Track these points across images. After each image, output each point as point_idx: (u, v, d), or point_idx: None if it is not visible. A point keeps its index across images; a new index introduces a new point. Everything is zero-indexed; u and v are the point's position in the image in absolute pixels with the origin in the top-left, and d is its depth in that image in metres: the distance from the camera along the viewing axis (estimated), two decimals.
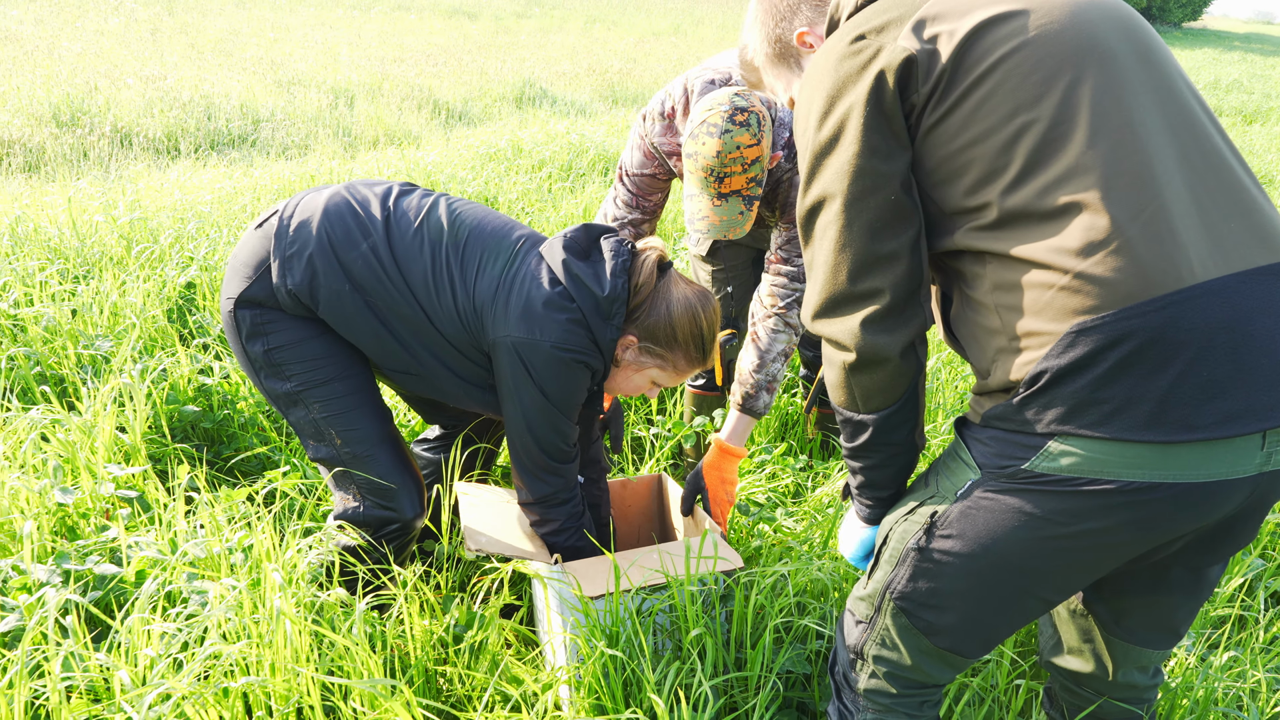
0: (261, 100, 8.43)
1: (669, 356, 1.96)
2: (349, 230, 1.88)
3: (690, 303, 1.93)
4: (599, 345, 1.87)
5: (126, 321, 3.22)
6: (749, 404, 2.35)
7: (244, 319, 1.92)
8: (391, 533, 2.07)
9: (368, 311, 1.89)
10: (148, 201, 4.49)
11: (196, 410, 2.86)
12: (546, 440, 1.92)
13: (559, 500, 2.01)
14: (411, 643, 1.87)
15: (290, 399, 1.97)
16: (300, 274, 1.87)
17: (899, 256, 1.23)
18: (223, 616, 1.74)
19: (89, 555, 2.01)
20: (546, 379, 1.85)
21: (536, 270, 1.87)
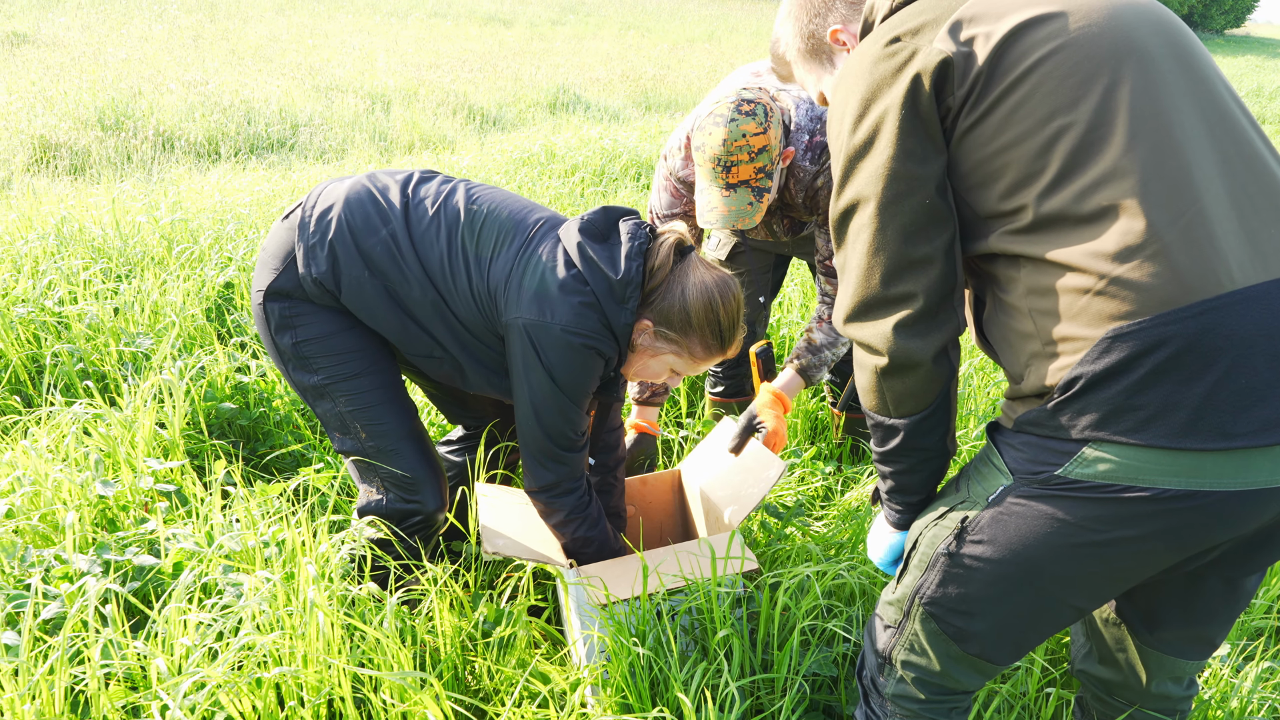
0: (300, 105, 8.55)
1: (684, 343, 1.92)
2: (368, 217, 1.90)
3: (707, 288, 1.88)
4: (613, 330, 1.84)
5: (166, 320, 3.29)
6: (807, 371, 2.42)
7: (273, 311, 1.95)
8: (414, 525, 2.09)
9: (388, 298, 1.90)
10: (188, 203, 4.57)
11: (233, 407, 2.91)
12: (553, 426, 1.89)
13: (564, 489, 1.98)
14: (441, 638, 1.89)
15: (317, 391, 1.99)
16: (323, 262, 1.89)
17: (933, 261, 1.22)
18: (257, 608, 1.77)
19: (128, 547, 2.05)
20: (556, 362, 1.82)
21: (552, 253, 1.86)
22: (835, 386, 2.98)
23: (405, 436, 2.04)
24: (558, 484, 1.96)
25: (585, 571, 1.93)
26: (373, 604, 1.92)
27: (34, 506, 2.16)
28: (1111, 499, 1.13)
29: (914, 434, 1.32)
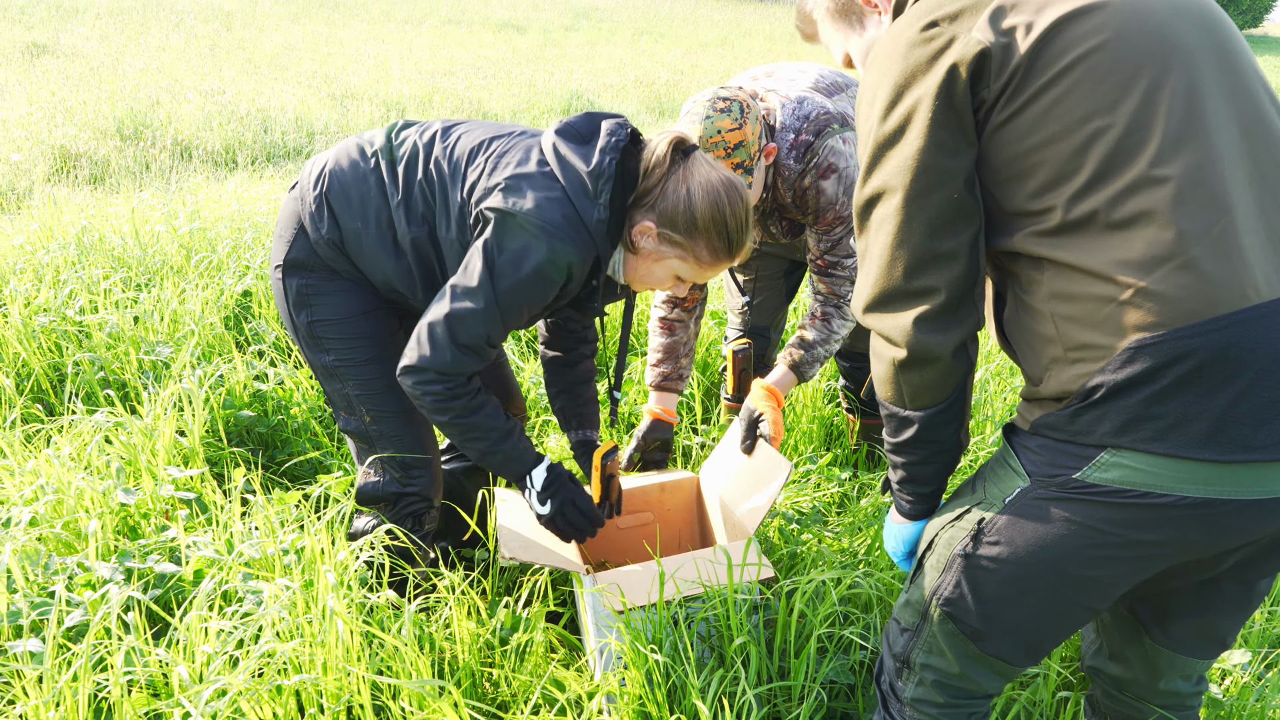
0: (316, 113, 8.61)
1: (689, 246, 1.81)
2: (355, 165, 1.93)
3: (714, 187, 1.77)
4: (587, 227, 1.74)
5: (186, 328, 3.32)
6: (800, 368, 2.41)
7: (290, 286, 1.98)
8: (408, 508, 2.13)
9: (389, 245, 1.90)
10: (207, 212, 4.61)
11: (251, 415, 2.94)
12: (460, 311, 1.76)
13: (432, 381, 1.80)
14: (460, 645, 1.90)
15: (327, 371, 2.03)
16: (325, 220, 1.92)
17: (957, 255, 1.20)
18: (277, 616, 1.78)
19: (150, 554, 2.07)
20: (507, 252, 1.72)
21: (526, 152, 1.80)
22: (850, 392, 2.98)
23: (407, 424, 2.08)
24: (427, 370, 1.80)
25: (603, 579, 1.94)
26: (391, 611, 1.93)
27: (57, 514, 2.19)
28: (1129, 504, 1.13)
29: (929, 427, 1.31)
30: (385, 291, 1.99)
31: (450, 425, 1.86)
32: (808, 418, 3.08)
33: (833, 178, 2.24)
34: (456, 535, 2.53)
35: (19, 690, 1.67)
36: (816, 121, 2.22)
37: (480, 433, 1.88)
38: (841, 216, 2.29)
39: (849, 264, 2.36)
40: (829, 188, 2.24)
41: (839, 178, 2.24)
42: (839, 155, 2.23)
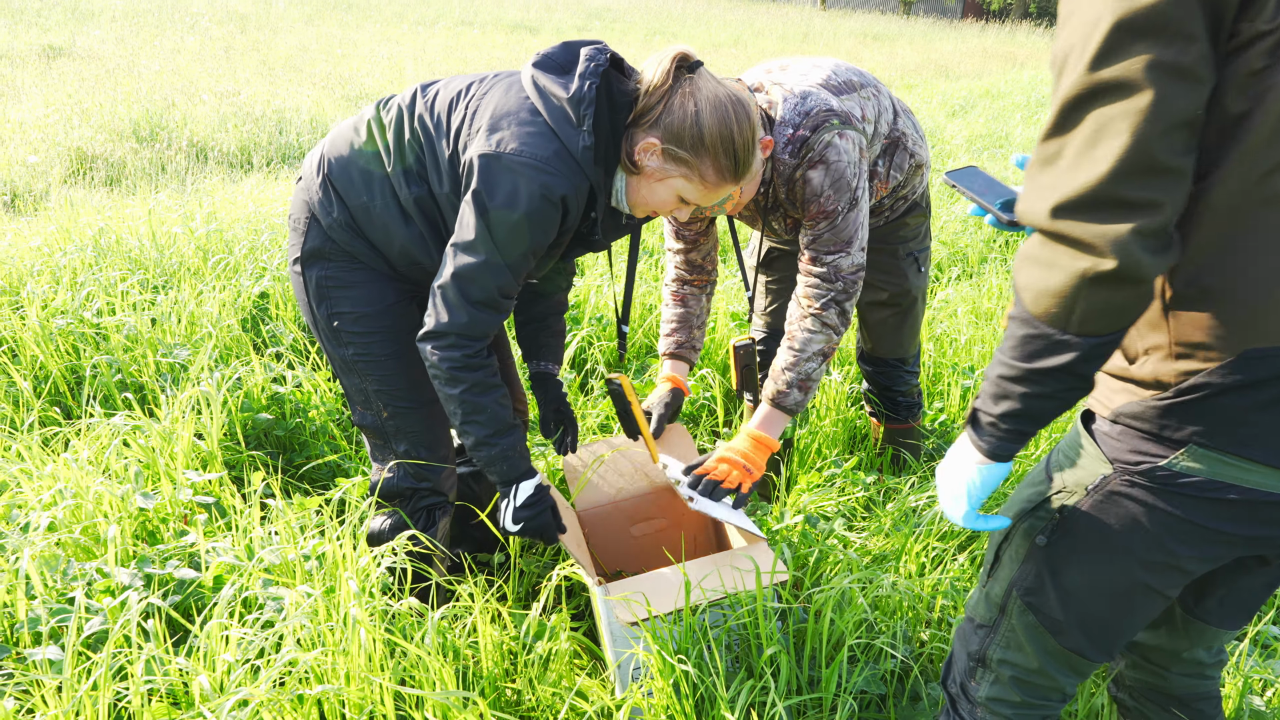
0: (330, 114, 8.61)
1: (694, 164, 1.74)
2: (350, 143, 1.91)
3: (722, 103, 1.71)
4: (574, 157, 1.68)
5: (203, 331, 3.30)
6: (780, 399, 2.29)
7: (310, 278, 1.97)
8: (423, 502, 2.12)
9: (396, 212, 1.88)
10: (223, 214, 4.60)
11: (270, 418, 2.91)
12: (468, 267, 1.73)
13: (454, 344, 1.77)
14: (483, 654, 1.87)
15: (346, 365, 2.02)
16: (333, 203, 1.90)
17: (1184, 175, 1.05)
18: (298, 624, 1.75)
19: (169, 560, 2.05)
20: (498, 195, 1.67)
21: (507, 90, 1.75)
22: (873, 397, 2.93)
23: (425, 420, 2.07)
24: (447, 334, 1.77)
25: (621, 587, 1.90)
26: (414, 619, 1.90)
27: (75, 519, 2.17)
28: (1214, 497, 1.14)
29: (1087, 359, 1.12)
30: (405, 266, 1.96)
31: (458, 400, 1.81)
32: (831, 420, 3.04)
33: (820, 169, 2.15)
34: (472, 541, 2.50)
35: (38, 699, 1.65)
36: (815, 117, 2.16)
37: (485, 417, 1.83)
38: (825, 210, 2.19)
39: (828, 262, 2.23)
40: (816, 178, 2.16)
41: (827, 169, 2.15)
42: (832, 149, 2.15)
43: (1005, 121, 10.26)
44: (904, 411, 2.90)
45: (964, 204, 5.93)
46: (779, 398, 2.29)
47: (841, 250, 2.21)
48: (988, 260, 5.15)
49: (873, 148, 2.34)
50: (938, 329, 3.69)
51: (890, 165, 2.43)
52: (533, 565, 2.47)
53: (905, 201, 2.57)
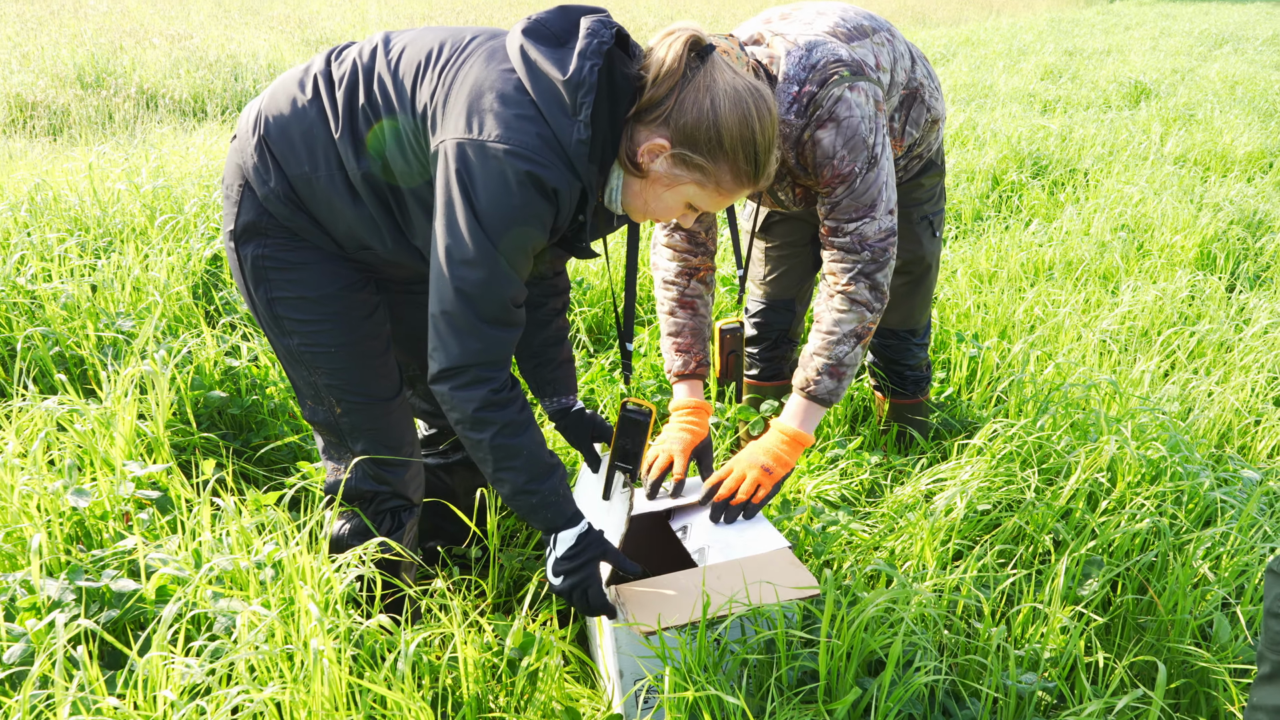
0: (289, 60, 8.20)
1: (710, 169, 1.50)
2: (293, 100, 1.62)
3: (742, 98, 1.47)
4: (565, 152, 1.44)
5: (149, 299, 3.03)
6: (811, 389, 2.07)
7: (246, 258, 1.70)
8: (385, 505, 1.90)
9: (343, 188, 1.61)
10: (172, 168, 4.28)
11: (223, 396, 2.67)
12: (472, 285, 1.47)
13: (474, 378, 1.53)
14: (464, 675, 1.66)
15: (291, 356, 1.78)
16: (270, 171, 1.62)
17: None
18: (252, 648, 1.54)
19: (105, 568, 1.82)
20: (485, 196, 1.42)
21: (488, 61, 1.48)
22: (878, 369, 2.74)
23: (384, 415, 1.84)
24: (466, 368, 1.52)
25: (628, 594, 1.71)
26: (384, 638, 1.69)
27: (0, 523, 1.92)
28: None
29: None
30: (353, 249, 1.70)
31: (489, 447, 1.57)
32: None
33: (830, 128, 1.91)
34: (447, 535, 2.29)
35: None
36: (822, 70, 1.91)
37: (522, 461, 1.59)
38: (840, 173, 1.94)
39: (850, 230, 1.99)
40: (825, 139, 1.92)
41: (838, 128, 1.91)
42: (842, 104, 1.91)
43: (989, 71, 10.02)
44: (911, 386, 2.71)
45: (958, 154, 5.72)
46: (810, 387, 2.06)
47: (864, 216, 1.98)
48: (982, 217, 4.95)
49: (890, 99, 2.10)
50: (941, 294, 3.49)
51: (906, 120, 2.19)
52: (514, 560, 2.27)
53: (920, 160, 2.34)
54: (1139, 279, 3.88)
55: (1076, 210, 4.78)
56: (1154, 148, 6.25)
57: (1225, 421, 2.75)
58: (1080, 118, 7.33)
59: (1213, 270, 4.17)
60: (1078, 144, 6.24)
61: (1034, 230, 4.48)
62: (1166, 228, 4.41)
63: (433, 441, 2.22)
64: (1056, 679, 1.71)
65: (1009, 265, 3.95)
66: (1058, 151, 5.99)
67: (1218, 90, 9.04)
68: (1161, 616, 1.89)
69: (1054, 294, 3.58)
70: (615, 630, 1.69)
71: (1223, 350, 3.26)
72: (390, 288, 1.89)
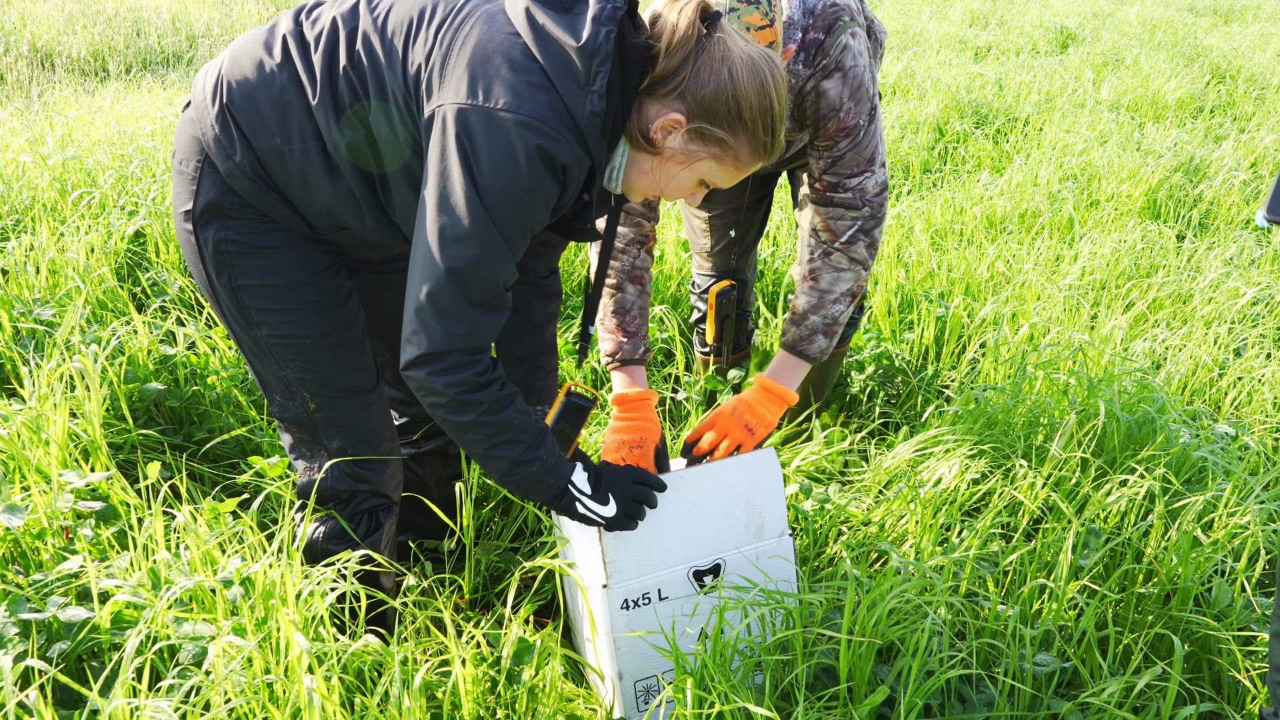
0: (195, 13, 7.72)
1: (730, 142, 1.41)
2: (259, 64, 1.46)
3: (758, 66, 1.39)
4: (577, 124, 1.33)
5: (69, 283, 2.78)
6: (802, 346, 1.98)
7: (205, 242, 1.53)
8: (362, 507, 1.76)
9: (320, 162, 1.46)
10: (80, 135, 3.96)
11: (160, 388, 2.47)
12: (461, 260, 1.34)
13: (455, 362, 1.40)
14: (464, 698, 1.54)
15: (259, 349, 1.62)
16: (235, 144, 1.46)
17: None
18: (228, 682, 1.40)
19: (49, 595, 1.65)
20: (488, 165, 1.30)
21: (490, 22, 1.35)
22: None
23: (362, 409, 1.71)
24: (447, 353, 1.40)
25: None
26: (373, 659, 1.56)
27: None
28: None
29: None
30: (326, 229, 1.55)
31: (473, 428, 1.46)
32: None
33: (836, 78, 1.82)
34: (418, 528, 2.16)
35: None
36: (825, 15, 1.81)
37: (512, 435, 1.48)
38: (845, 126, 1.86)
39: (852, 186, 1.91)
40: (832, 89, 1.83)
41: (844, 78, 1.82)
42: (848, 52, 1.82)
43: (917, 17, 9.98)
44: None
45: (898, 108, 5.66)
46: (801, 344, 1.98)
47: (865, 170, 1.90)
48: (930, 169, 4.91)
49: None
50: (904, 253, 3.43)
51: (875, 55, 2.08)
52: (490, 554, 2.15)
53: None
54: (1092, 230, 3.89)
55: (1024, 160, 4.77)
56: (1089, 94, 6.28)
57: (1197, 377, 2.76)
58: (1013, 64, 7.34)
59: (1161, 218, 4.20)
60: (1014, 91, 6.24)
61: (984, 183, 4.46)
62: (1113, 177, 4.42)
63: (404, 430, 2.08)
64: (1074, 658, 1.67)
65: (964, 220, 3.92)
66: (996, 100, 5.99)
67: (1139, 34, 9.17)
68: (1163, 585, 1.87)
69: (1014, 249, 3.56)
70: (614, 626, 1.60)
71: (1180, 302, 3.28)
72: (359, 269, 1.73)
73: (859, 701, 1.51)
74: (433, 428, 2.07)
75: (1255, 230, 3.99)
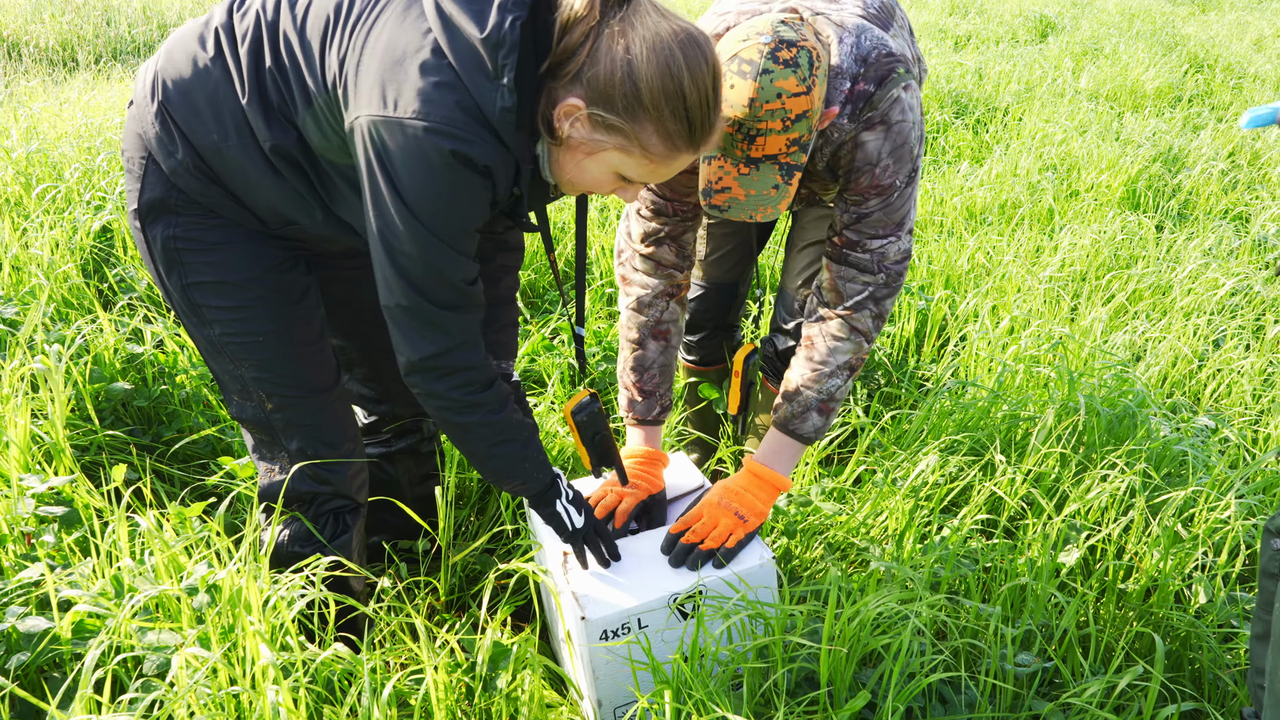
0: (166, 2, 7.59)
1: (631, 130, 1.29)
2: (193, 59, 1.41)
3: (664, 45, 1.25)
4: (489, 120, 1.25)
5: (33, 280, 2.71)
6: (793, 425, 1.80)
7: (154, 239, 1.50)
8: (326, 509, 1.73)
9: (259, 159, 1.41)
10: (46, 128, 3.87)
11: (127, 387, 2.42)
12: (416, 274, 1.33)
13: (447, 368, 1.42)
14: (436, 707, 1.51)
15: (213, 348, 1.59)
16: (175, 142, 1.42)
17: None
18: (192, 695, 1.36)
19: (7, 605, 1.60)
20: (408, 179, 1.26)
21: (402, 18, 1.28)
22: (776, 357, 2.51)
23: (322, 408, 1.67)
24: (436, 356, 1.40)
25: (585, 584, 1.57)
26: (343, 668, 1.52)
27: None
28: None
29: None
30: (276, 224, 1.51)
31: (476, 429, 1.48)
32: None
33: (879, 131, 1.64)
34: (391, 529, 2.12)
35: None
36: (879, 65, 1.63)
37: (512, 432, 1.51)
38: (880, 184, 1.68)
39: (872, 248, 1.73)
40: (871, 143, 1.65)
41: (887, 133, 1.64)
42: (897, 107, 1.64)
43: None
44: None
45: None
46: (793, 423, 1.81)
47: (890, 234, 1.73)
48: None
49: None
50: None
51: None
52: (466, 554, 2.11)
53: None
54: (1072, 221, 3.88)
55: (1004, 150, 4.76)
56: (1068, 84, 6.28)
57: (1177, 369, 2.75)
58: (992, 53, 7.33)
59: (1139, 208, 4.20)
60: (994, 81, 6.23)
61: (964, 173, 4.44)
62: (1092, 167, 4.42)
63: (373, 429, 2.03)
64: (1055, 657, 1.66)
65: (945, 211, 3.90)
66: (976, 90, 5.97)
67: (1118, 23, 9.18)
68: (1143, 581, 1.85)
69: (994, 240, 3.54)
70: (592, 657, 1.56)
71: (1159, 293, 3.28)
72: (321, 264, 1.69)
73: (840, 706, 1.49)
74: (403, 426, 2.03)
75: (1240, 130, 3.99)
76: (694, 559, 1.65)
